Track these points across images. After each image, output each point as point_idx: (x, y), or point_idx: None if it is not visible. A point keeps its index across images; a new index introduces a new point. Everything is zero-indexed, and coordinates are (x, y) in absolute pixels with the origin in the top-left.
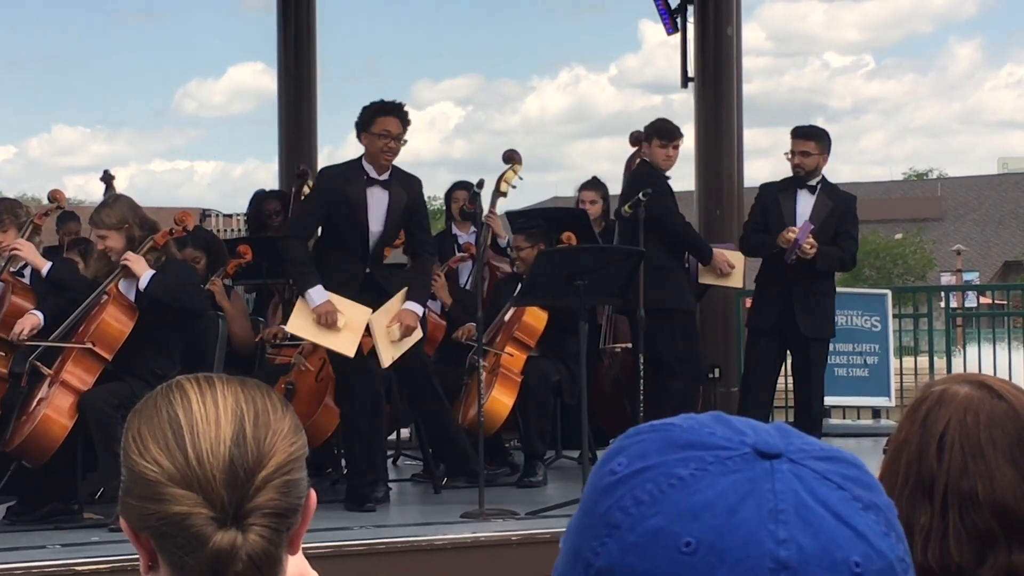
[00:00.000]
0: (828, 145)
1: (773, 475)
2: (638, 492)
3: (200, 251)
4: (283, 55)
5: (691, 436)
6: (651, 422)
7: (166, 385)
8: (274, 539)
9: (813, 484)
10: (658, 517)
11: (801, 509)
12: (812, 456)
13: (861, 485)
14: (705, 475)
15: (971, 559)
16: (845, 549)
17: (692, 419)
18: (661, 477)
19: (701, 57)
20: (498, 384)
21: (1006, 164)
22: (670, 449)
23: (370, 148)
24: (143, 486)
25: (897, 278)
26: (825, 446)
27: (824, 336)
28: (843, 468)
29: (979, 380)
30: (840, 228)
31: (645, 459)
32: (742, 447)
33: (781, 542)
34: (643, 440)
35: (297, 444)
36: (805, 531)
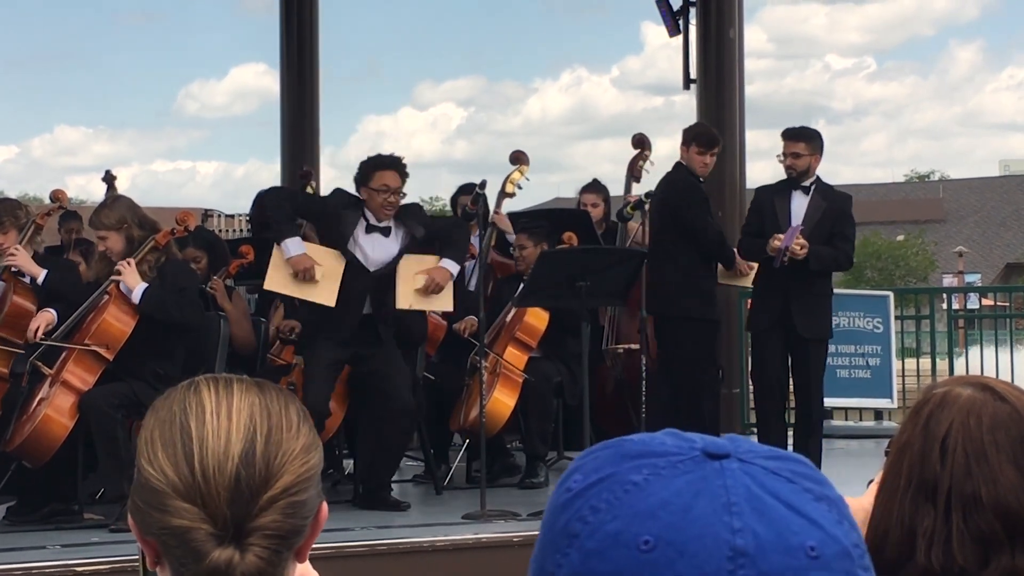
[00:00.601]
0: (820, 145)
1: (723, 473)
2: (595, 501)
3: (201, 251)
4: (285, 56)
5: (643, 447)
6: (604, 441)
7: (186, 385)
8: (273, 560)
9: (763, 479)
10: (616, 521)
11: (753, 501)
12: (761, 456)
13: (811, 480)
14: (658, 479)
15: (974, 562)
16: (800, 535)
17: (645, 435)
18: (616, 485)
19: (703, 59)
20: (500, 385)
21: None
22: (623, 460)
23: (371, 202)
24: (149, 493)
25: (899, 280)
26: (774, 448)
27: (822, 337)
28: (792, 465)
29: (981, 382)
30: (835, 228)
31: (600, 472)
32: (692, 451)
33: (736, 531)
34: (597, 456)
35: (309, 464)
36: (759, 520)
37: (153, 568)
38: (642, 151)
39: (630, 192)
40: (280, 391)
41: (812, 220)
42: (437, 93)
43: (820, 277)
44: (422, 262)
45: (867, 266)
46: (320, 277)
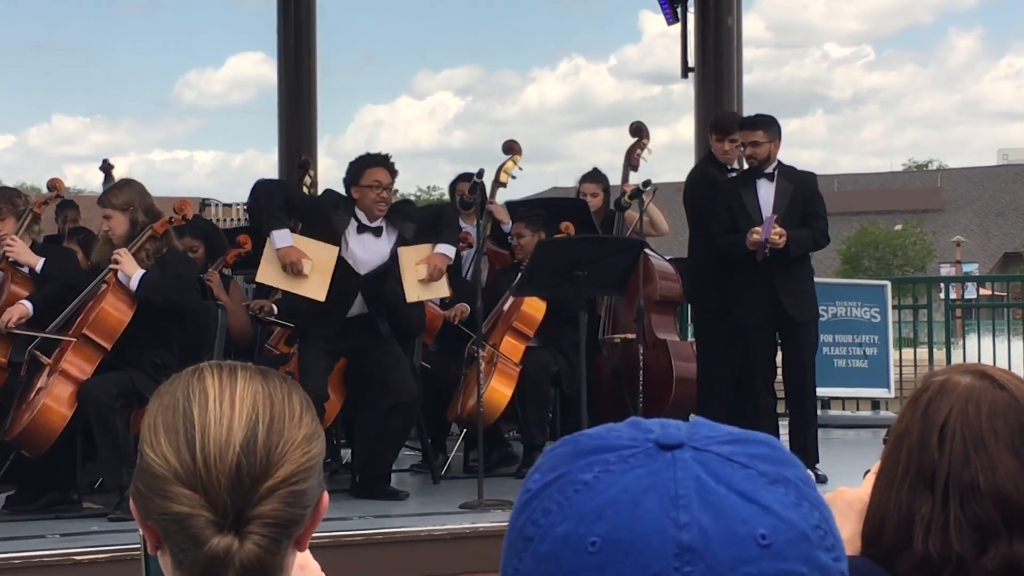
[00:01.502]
0: (777, 131)
1: (675, 464)
2: (547, 503)
3: (198, 240)
4: (283, 45)
5: (597, 441)
6: (564, 437)
7: (190, 372)
8: (271, 548)
9: (716, 467)
10: (565, 524)
11: (703, 492)
12: (717, 441)
13: (769, 461)
14: (608, 475)
15: (972, 550)
16: (750, 523)
17: (604, 427)
18: (567, 485)
19: (701, 47)
20: (497, 374)
21: (1006, 155)
22: (577, 457)
23: (362, 200)
24: (150, 478)
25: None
26: (734, 431)
27: (809, 319)
28: (751, 448)
29: (981, 370)
30: (807, 209)
31: (555, 471)
32: (645, 443)
33: (683, 526)
34: (555, 454)
35: (310, 453)
36: (706, 512)
37: (154, 553)
38: (640, 139)
39: (627, 181)
40: (284, 379)
41: (782, 205)
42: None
43: (800, 261)
44: (419, 252)
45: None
46: (309, 271)
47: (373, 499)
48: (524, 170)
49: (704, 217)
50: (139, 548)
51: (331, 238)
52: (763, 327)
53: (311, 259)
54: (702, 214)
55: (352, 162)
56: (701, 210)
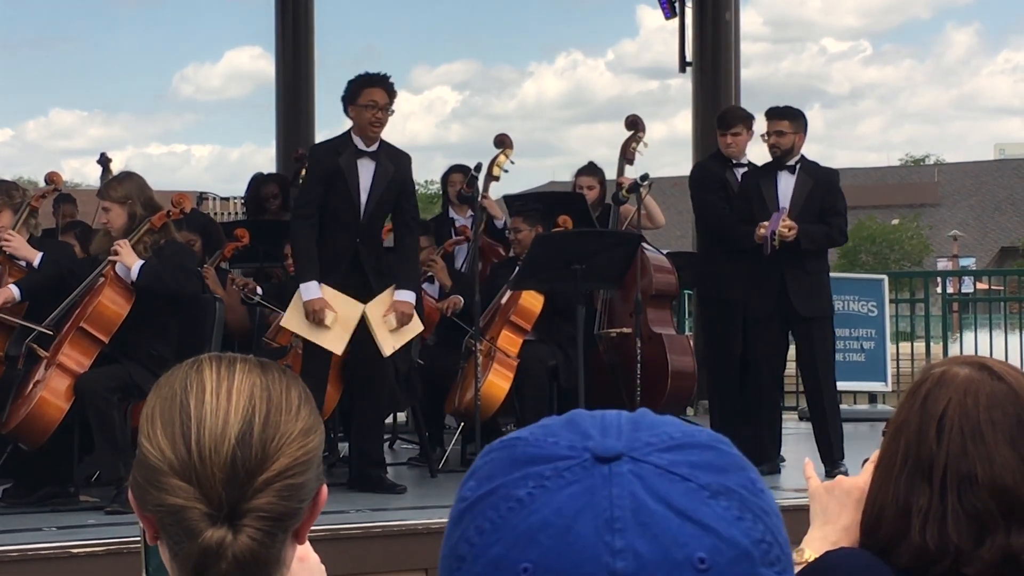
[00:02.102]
0: (803, 124)
1: (611, 480)
2: (480, 520)
3: (195, 234)
4: (281, 39)
5: (534, 449)
6: (502, 438)
7: (189, 363)
8: (266, 541)
9: (654, 482)
10: (498, 545)
11: (639, 513)
12: (657, 449)
13: (711, 469)
14: (543, 492)
15: (969, 541)
16: (688, 546)
17: (542, 427)
18: (501, 502)
19: (699, 42)
20: (494, 368)
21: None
22: (512, 467)
23: (358, 120)
24: (147, 470)
25: (894, 263)
26: (677, 433)
27: (822, 315)
28: (692, 455)
29: (979, 362)
30: (825, 204)
31: (491, 481)
32: (582, 454)
33: (617, 552)
34: (492, 460)
35: (307, 447)
36: (642, 536)
37: (153, 543)
38: (635, 133)
39: (623, 174)
40: (283, 372)
41: (800, 199)
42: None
43: (814, 256)
44: (382, 303)
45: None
46: (331, 322)
47: (370, 492)
48: (522, 164)
49: (698, 209)
50: (138, 540)
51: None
52: (770, 320)
53: (335, 311)
54: (697, 206)
55: (351, 80)
56: (696, 202)
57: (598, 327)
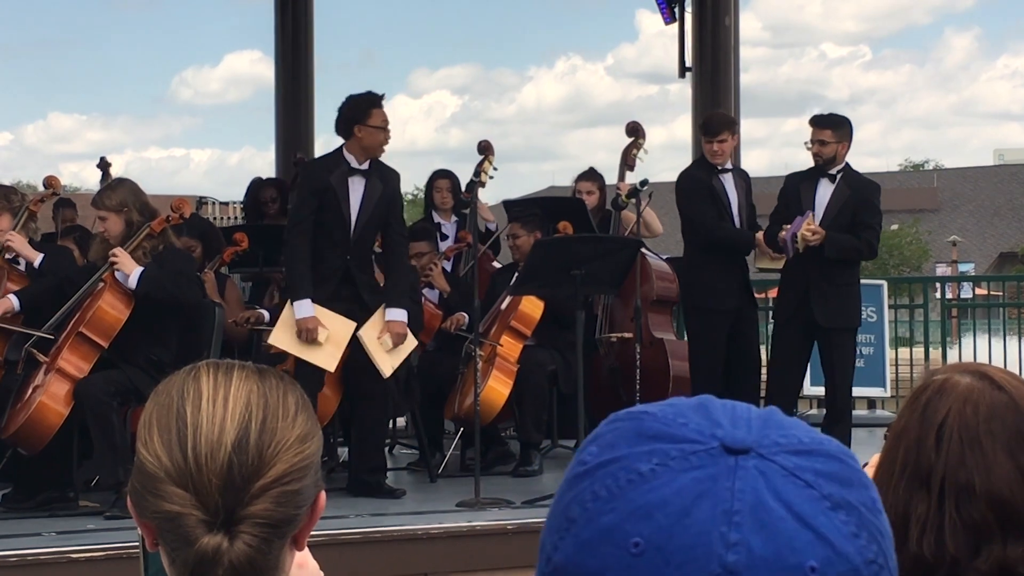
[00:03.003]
0: (848, 132)
1: (735, 472)
2: (597, 487)
3: (195, 240)
4: (281, 43)
5: (662, 427)
6: (630, 408)
7: (187, 370)
8: (262, 548)
9: (778, 482)
10: (612, 514)
11: (758, 510)
12: (785, 450)
13: (836, 481)
14: (666, 471)
15: (966, 551)
16: (801, 553)
17: (671, 406)
18: (621, 472)
19: (699, 47)
20: (494, 373)
21: (1002, 155)
22: (638, 441)
23: (369, 140)
24: (144, 476)
25: (893, 269)
26: (807, 438)
27: (843, 326)
28: (819, 463)
29: (980, 370)
30: (858, 218)
31: (613, 450)
32: (711, 441)
33: (731, 545)
34: (617, 429)
35: (304, 453)
36: (759, 534)
37: (154, 549)
38: (636, 139)
39: (623, 180)
40: (281, 378)
41: (835, 208)
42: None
43: (843, 266)
44: (375, 325)
45: None
46: (324, 340)
47: (369, 496)
48: (511, 169)
49: (689, 219)
50: (137, 546)
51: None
52: (791, 325)
53: (327, 329)
54: (688, 216)
55: (354, 99)
56: (686, 212)
57: (599, 332)
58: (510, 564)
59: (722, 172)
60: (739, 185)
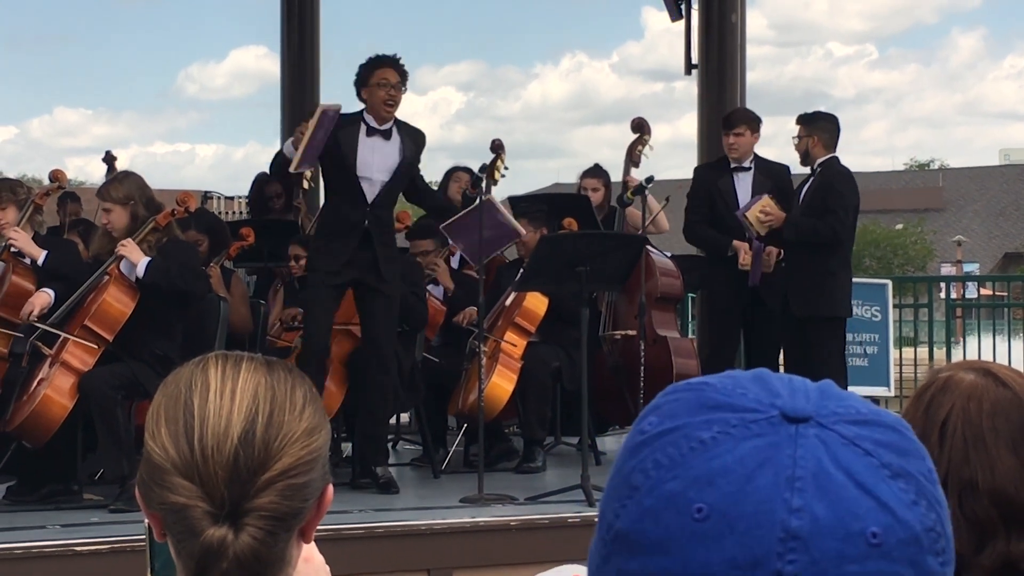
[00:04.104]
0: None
1: (796, 440)
2: (659, 455)
3: (202, 234)
4: (286, 38)
5: (722, 397)
6: (689, 380)
7: (196, 362)
8: (267, 541)
9: (838, 450)
10: (675, 482)
11: (820, 477)
12: (844, 420)
13: (894, 450)
14: (727, 439)
15: (970, 547)
16: (863, 519)
17: (730, 378)
18: (683, 440)
19: (705, 44)
20: (498, 370)
21: (1008, 155)
22: (698, 410)
23: (372, 101)
24: (151, 468)
25: (897, 268)
26: (864, 409)
27: (820, 316)
28: (877, 432)
29: (985, 367)
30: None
31: (674, 419)
32: (770, 410)
33: (794, 511)
34: (677, 399)
35: (311, 447)
36: (822, 500)
37: (162, 540)
38: (641, 135)
39: (628, 176)
40: (289, 371)
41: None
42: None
43: (814, 254)
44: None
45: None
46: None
47: (366, 491)
48: (517, 166)
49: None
50: (143, 538)
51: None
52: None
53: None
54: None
55: (362, 64)
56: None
57: (603, 329)
58: (513, 560)
59: (737, 171)
60: (761, 184)
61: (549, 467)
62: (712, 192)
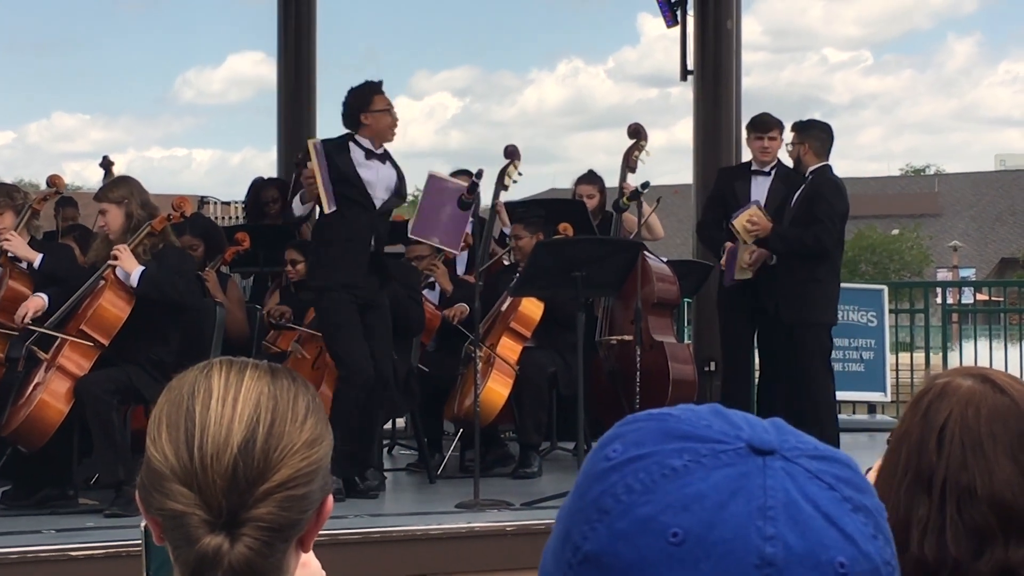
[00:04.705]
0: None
1: (765, 471)
2: (631, 480)
3: (198, 239)
4: (283, 44)
5: (687, 427)
6: (649, 410)
7: (200, 367)
8: (263, 551)
9: (805, 483)
10: (649, 506)
11: (790, 507)
12: (805, 455)
13: (852, 486)
14: (698, 467)
15: (968, 554)
16: (831, 550)
17: (690, 410)
18: (654, 466)
19: (701, 50)
20: (494, 375)
21: (1003, 161)
22: (666, 439)
23: (377, 126)
24: (151, 473)
25: (893, 274)
26: (820, 445)
27: (808, 322)
28: (836, 468)
29: (982, 374)
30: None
31: (640, 447)
32: (737, 441)
33: (768, 539)
34: (640, 428)
35: (311, 458)
36: (793, 530)
37: (161, 543)
38: (638, 141)
39: (625, 182)
40: (294, 380)
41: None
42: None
43: (802, 261)
44: None
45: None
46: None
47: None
48: (522, 172)
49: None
50: (139, 543)
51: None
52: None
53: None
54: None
55: (354, 91)
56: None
57: (599, 334)
58: (509, 566)
59: (757, 174)
60: (776, 190)
61: (545, 472)
62: (727, 195)
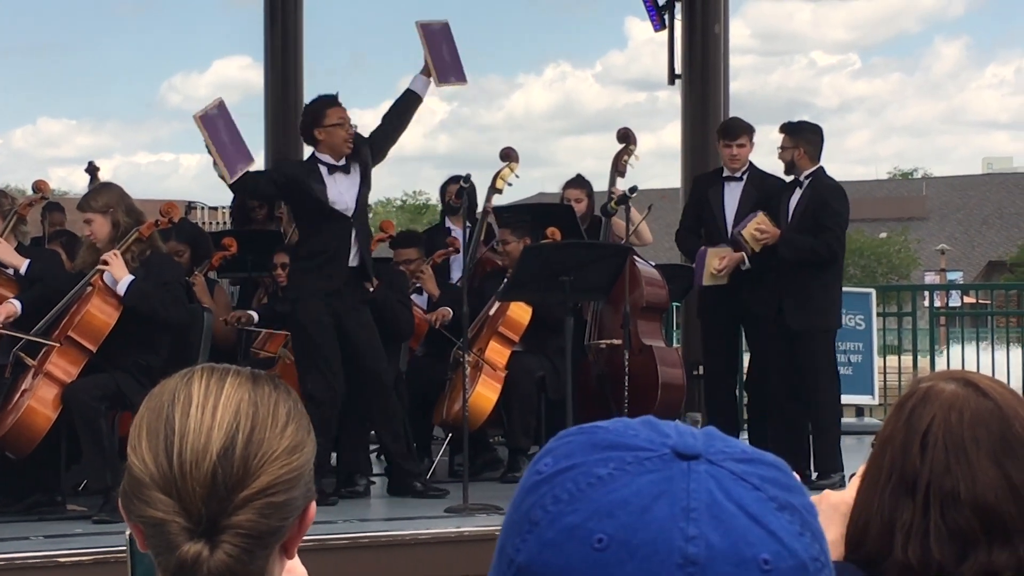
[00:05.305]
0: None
1: (689, 475)
2: (558, 491)
3: (184, 244)
4: (270, 49)
5: (614, 438)
6: (580, 425)
7: (182, 374)
8: (243, 558)
9: (728, 484)
10: (575, 515)
11: (713, 508)
12: (732, 458)
13: (779, 486)
14: (623, 474)
15: (952, 558)
16: (755, 547)
17: (621, 422)
18: (581, 476)
19: (688, 54)
20: (482, 379)
21: (990, 164)
22: (593, 450)
23: (331, 140)
24: (132, 481)
25: (881, 277)
26: (747, 448)
27: (816, 328)
28: (762, 470)
29: (965, 378)
30: (817, 220)
31: (569, 459)
32: (662, 448)
33: (690, 539)
34: (570, 442)
35: (292, 465)
36: (715, 529)
37: (145, 550)
38: (627, 145)
39: (614, 186)
40: (275, 387)
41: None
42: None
43: (810, 268)
44: None
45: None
46: None
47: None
48: (519, 178)
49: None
50: (124, 549)
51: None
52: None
53: None
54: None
55: (308, 106)
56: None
57: (588, 338)
58: None
59: (729, 180)
60: (748, 195)
61: None
62: (701, 201)
